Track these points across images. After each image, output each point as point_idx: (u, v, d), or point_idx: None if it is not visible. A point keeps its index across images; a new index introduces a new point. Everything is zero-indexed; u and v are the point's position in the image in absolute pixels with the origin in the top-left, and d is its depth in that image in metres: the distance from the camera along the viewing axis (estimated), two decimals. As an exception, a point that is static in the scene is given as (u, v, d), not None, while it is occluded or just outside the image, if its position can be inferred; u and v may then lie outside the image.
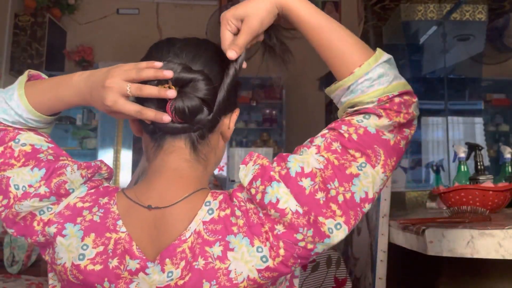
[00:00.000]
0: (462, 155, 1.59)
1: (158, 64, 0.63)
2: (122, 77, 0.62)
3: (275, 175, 0.60)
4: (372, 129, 0.62)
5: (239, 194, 0.62)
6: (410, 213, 1.35)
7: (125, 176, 3.93)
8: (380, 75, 0.63)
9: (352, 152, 0.61)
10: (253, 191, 0.60)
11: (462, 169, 1.61)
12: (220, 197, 0.63)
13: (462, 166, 1.61)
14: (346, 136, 0.61)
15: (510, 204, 1.32)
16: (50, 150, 0.69)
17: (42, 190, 0.64)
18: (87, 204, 0.65)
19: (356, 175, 0.60)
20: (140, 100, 0.63)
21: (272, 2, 0.65)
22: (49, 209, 0.65)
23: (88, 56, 4.37)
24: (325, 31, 0.65)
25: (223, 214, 0.60)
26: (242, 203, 0.61)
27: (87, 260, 0.61)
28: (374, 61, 0.64)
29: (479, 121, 3.44)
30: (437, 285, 1.23)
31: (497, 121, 4.14)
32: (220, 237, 0.59)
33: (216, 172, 3.81)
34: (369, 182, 0.61)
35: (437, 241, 0.79)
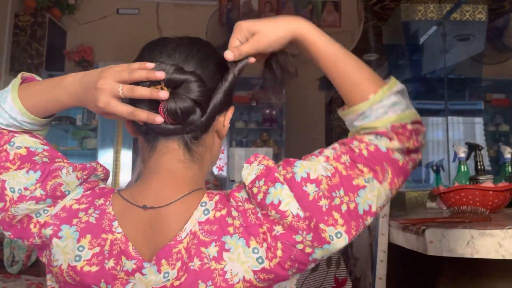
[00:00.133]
0: (462, 155, 1.59)
1: (150, 65, 0.63)
2: (114, 78, 0.62)
3: (280, 177, 0.60)
4: (383, 148, 0.63)
5: (237, 194, 0.62)
6: (410, 213, 1.35)
7: (125, 176, 3.93)
8: (394, 103, 0.66)
9: (361, 167, 0.62)
10: (255, 190, 0.60)
11: (462, 169, 1.60)
12: (216, 198, 0.63)
13: (462, 166, 1.61)
14: (357, 152, 0.63)
15: (510, 204, 1.32)
16: (46, 152, 0.69)
17: (38, 193, 0.64)
18: (83, 206, 0.65)
19: (363, 187, 0.61)
20: (133, 101, 0.63)
21: (291, 30, 0.67)
22: (46, 211, 0.65)
23: (88, 56, 4.37)
24: (341, 62, 0.68)
25: (219, 215, 0.60)
26: (240, 203, 0.61)
27: (84, 262, 0.61)
28: (389, 90, 0.66)
29: (479, 121, 3.44)
30: (437, 285, 1.23)
31: (497, 121, 4.14)
32: (216, 238, 0.59)
33: (216, 172, 3.81)
34: (374, 196, 0.62)
35: (437, 241, 0.79)
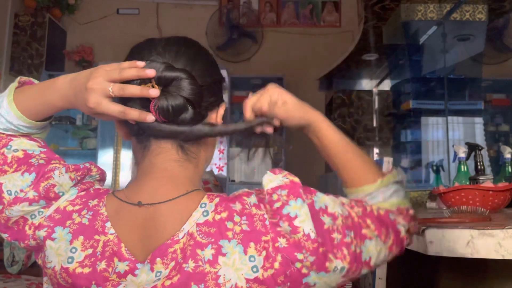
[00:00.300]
0: (462, 155, 1.59)
1: (141, 64, 0.63)
2: (105, 78, 0.61)
3: (303, 196, 0.60)
4: (392, 216, 0.68)
5: (246, 198, 0.61)
6: (410, 213, 1.34)
7: (125, 176, 3.93)
8: (397, 190, 0.71)
9: (369, 222, 0.65)
10: (275, 197, 0.59)
11: (462, 169, 1.60)
12: (217, 200, 0.62)
13: (462, 166, 1.61)
14: (368, 209, 0.66)
15: (510, 204, 1.32)
16: (43, 155, 0.69)
17: (31, 195, 0.64)
18: (77, 207, 0.65)
19: (369, 238, 0.64)
20: (124, 101, 0.63)
21: (312, 116, 0.72)
22: (40, 213, 0.65)
23: (88, 56, 4.37)
24: (348, 152, 0.73)
25: (219, 218, 0.60)
26: (247, 206, 0.60)
27: (76, 263, 0.61)
28: (393, 177, 0.72)
29: (479, 121, 3.43)
30: (437, 285, 1.23)
31: (497, 121, 4.13)
32: (213, 240, 0.58)
33: (216, 172, 3.81)
34: (376, 251, 0.64)
35: (437, 241, 0.79)
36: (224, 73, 1.53)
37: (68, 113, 4.09)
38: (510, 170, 1.60)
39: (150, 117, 0.62)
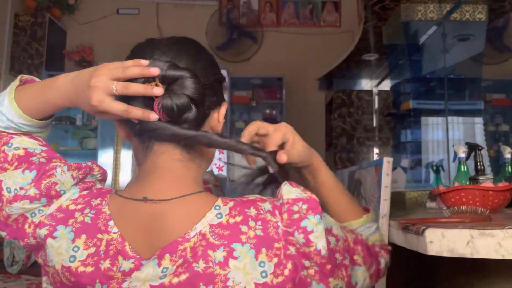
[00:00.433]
0: (462, 155, 1.58)
1: (145, 62, 0.63)
2: (108, 76, 0.61)
3: (321, 214, 0.62)
4: (376, 248, 0.76)
5: (260, 204, 0.62)
6: (410, 213, 1.35)
7: (125, 176, 3.93)
8: (377, 227, 0.82)
9: (359, 250, 0.70)
10: (296, 208, 0.60)
11: (462, 169, 1.60)
12: (231, 204, 0.63)
13: (462, 166, 1.61)
14: (359, 237, 0.73)
15: (510, 204, 1.31)
16: (44, 153, 0.68)
17: (32, 192, 0.63)
18: (80, 206, 0.64)
19: (359, 265, 0.69)
20: (127, 100, 0.63)
21: (313, 157, 0.78)
22: (41, 211, 0.64)
23: (88, 56, 4.37)
24: (339, 191, 0.81)
25: (233, 221, 0.60)
26: (262, 212, 0.61)
27: (78, 262, 0.60)
28: (373, 215, 0.83)
29: (479, 121, 3.43)
30: (437, 285, 1.23)
31: (497, 121, 4.14)
32: (226, 243, 0.58)
33: (216, 172, 3.81)
34: (362, 277, 0.70)
35: (437, 241, 0.79)
36: (224, 73, 1.53)
37: (68, 113, 4.09)
38: (510, 170, 1.60)
39: (154, 116, 0.62)
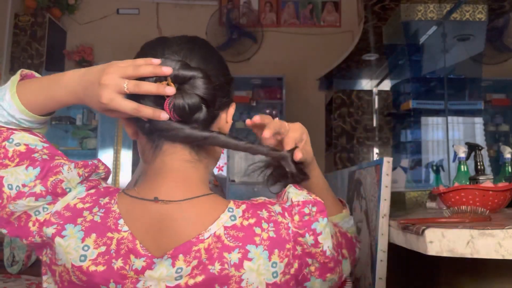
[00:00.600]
0: (462, 155, 1.58)
1: (156, 61, 0.62)
2: (119, 74, 0.61)
3: (327, 215, 0.65)
4: (354, 240, 0.80)
5: (271, 207, 0.64)
6: (410, 213, 1.35)
7: (125, 176, 3.93)
8: (353, 220, 0.87)
9: (344, 242, 0.73)
10: (307, 211, 0.63)
11: (462, 169, 1.60)
12: (243, 207, 0.64)
13: (462, 166, 1.60)
14: (342, 230, 0.76)
15: (510, 204, 1.31)
16: (45, 150, 0.67)
17: (38, 189, 0.62)
18: (88, 205, 0.64)
19: (345, 258, 0.72)
20: (136, 98, 0.62)
21: (311, 157, 0.79)
22: (45, 209, 0.63)
23: (88, 56, 4.37)
24: (326, 187, 0.84)
25: (247, 223, 0.61)
26: (273, 214, 0.63)
27: (89, 261, 0.60)
28: (348, 210, 0.87)
29: (479, 121, 3.43)
30: (437, 285, 1.23)
31: (497, 121, 4.14)
32: (241, 245, 0.59)
33: (216, 172, 3.80)
34: (347, 269, 0.72)
35: (437, 241, 0.79)
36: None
37: (68, 113, 4.10)
38: (510, 170, 1.60)
39: (164, 115, 0.62)
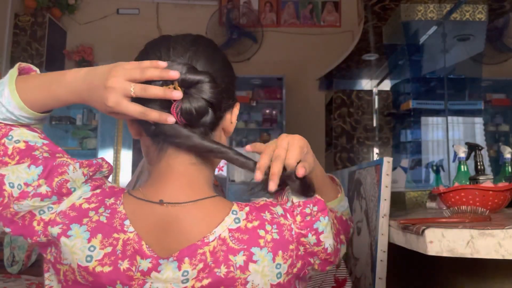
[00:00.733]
0: (462, 155, 1.58)
1: (163, 64, 0.62)
2: (125, 77, 0.60)
3: (328, 214, 0.66)
4: (349, 221, 0.82)
5: (273, 209, 0.64)
6: (410, 213, 1.35)
7: (125, 176, 3.93)
8: (347, 201, 0.89)
9: (340, 228, 0.74)
10: (308, 211, 0.64)
11: (462, 169, 1.60)
12: (247, 209, 0.64)
13: (462, 166, 1.60)
14: (338, 215, 0.77)
15: (510, 204, 1.31)
16: (45, 147, 0.66)
17: (44, 190, 0.62)
18: (93, 205, 0.64)
19: (342, 243, 0.73)
20: (141, 101, 0.62)
21: (315, 162, 0.77)
22: (50, 209, 0.63)
23: (88, 56, 4.37)
24: (322, 175, 0.83)
25: (251, 226, 0.62)
26: (276, 216, 0.63)
27: (95, 262, 0.60)
28: (343, 192, 0.87)
29: (479, 121, 3.43)
30: (437, 285, 1.23)
31: (497, 121, 4.14)
32: (246, 247, 0.60)
33: (216, 172, 3.80)
34: (343, 253, 0.73)
35: (437, 241, 0.79)
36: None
37: (68, 113, 4.10)
38: (510, 170, 1.60)
39: (171, 119, 0.61)
